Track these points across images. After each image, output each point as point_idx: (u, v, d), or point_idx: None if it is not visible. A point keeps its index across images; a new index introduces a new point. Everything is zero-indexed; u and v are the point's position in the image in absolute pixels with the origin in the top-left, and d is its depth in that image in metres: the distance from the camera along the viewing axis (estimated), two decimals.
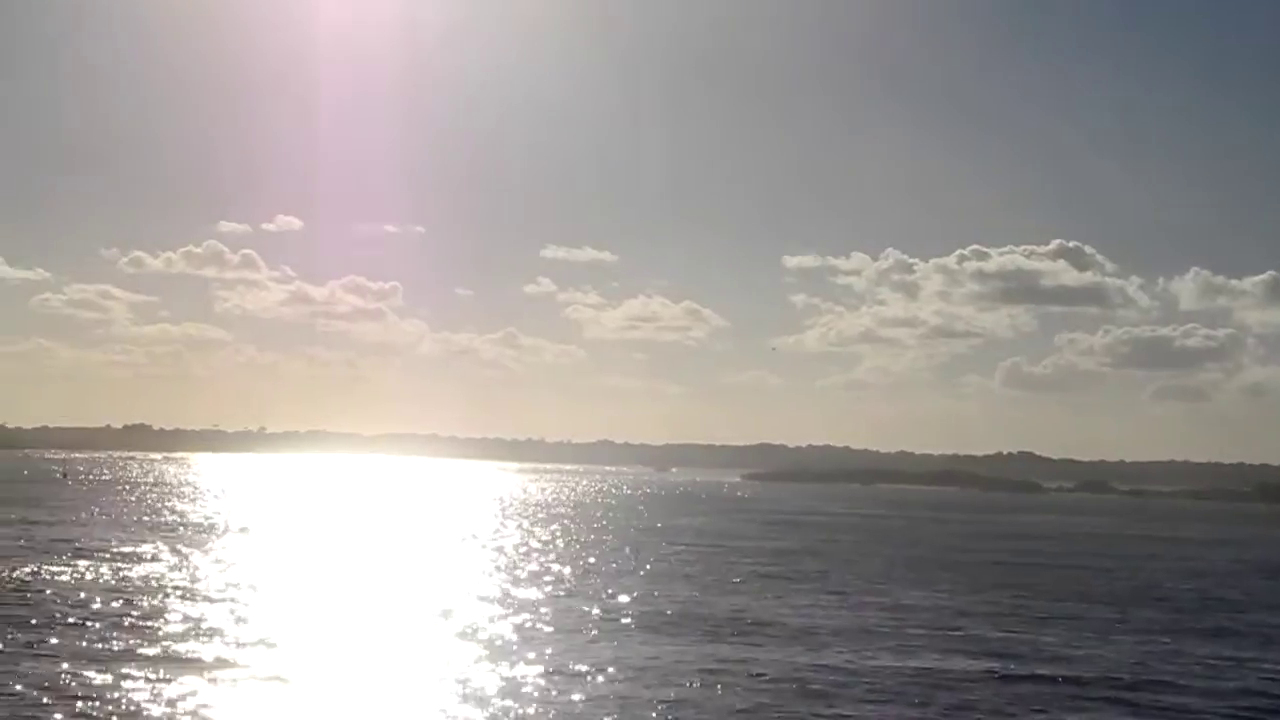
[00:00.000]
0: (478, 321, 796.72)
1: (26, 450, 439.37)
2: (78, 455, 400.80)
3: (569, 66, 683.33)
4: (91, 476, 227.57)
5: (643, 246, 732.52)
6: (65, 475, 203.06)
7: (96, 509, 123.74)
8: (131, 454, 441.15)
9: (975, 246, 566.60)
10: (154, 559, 73.60)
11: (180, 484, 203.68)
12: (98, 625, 47.71)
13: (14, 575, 62.53)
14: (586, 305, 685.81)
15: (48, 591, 56.68)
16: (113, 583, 61.05)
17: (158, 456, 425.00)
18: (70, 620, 48.70)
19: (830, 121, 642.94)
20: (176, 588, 59.60)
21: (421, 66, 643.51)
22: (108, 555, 74.35)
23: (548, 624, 51.75)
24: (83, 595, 55.89)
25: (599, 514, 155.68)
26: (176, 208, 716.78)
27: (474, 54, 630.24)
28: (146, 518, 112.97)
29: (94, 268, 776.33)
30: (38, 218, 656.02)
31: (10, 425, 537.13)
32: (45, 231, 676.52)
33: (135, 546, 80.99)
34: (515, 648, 45.57)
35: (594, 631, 50.21)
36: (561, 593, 63.02)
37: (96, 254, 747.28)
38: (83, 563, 69.29)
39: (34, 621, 47.93)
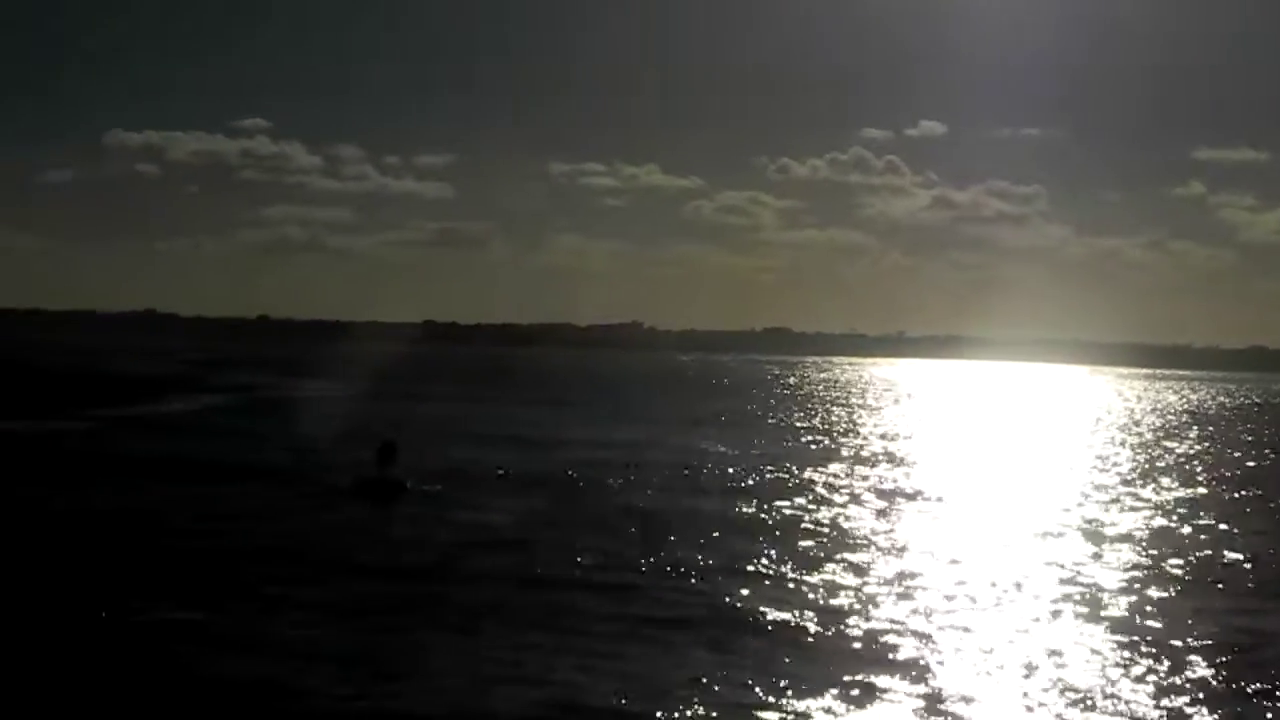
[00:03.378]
0: (1124, 225, 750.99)
1: (675, 351, 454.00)
2: (718, 357, 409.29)
3: None
4: (739, 379, 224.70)
5: None
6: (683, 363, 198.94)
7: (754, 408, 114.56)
8: (771, 357, 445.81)
9: None
10: (812, 467, 64.54)
11: (829, 388, 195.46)
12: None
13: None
14: (1241, 208, 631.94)
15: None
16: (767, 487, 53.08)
17: (796, 360, 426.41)
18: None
19: None
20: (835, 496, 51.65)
21: None
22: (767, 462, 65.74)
23: None
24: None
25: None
26: (823, 115, 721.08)
27: None
28: (797, 423, 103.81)
29: (744, 175, 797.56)
30: (693, 128, 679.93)
31: (660, 328, 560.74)
32: (699, 141, 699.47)
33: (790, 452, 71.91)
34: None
35: None
36: None
37: (746, 162, 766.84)
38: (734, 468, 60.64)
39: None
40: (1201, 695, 24.51)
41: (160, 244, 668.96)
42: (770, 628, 28.95)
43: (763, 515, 46.36)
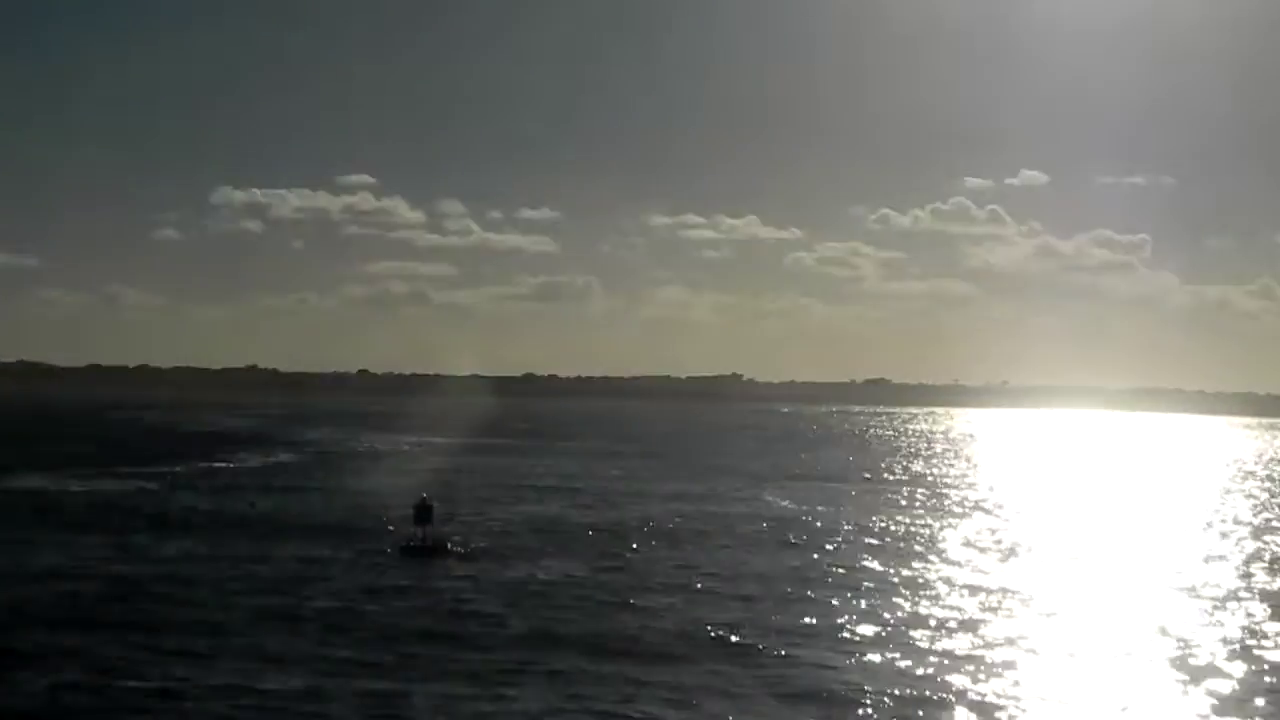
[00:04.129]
0: (1231, 272, 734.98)
1: (773, 404, 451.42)
2: (818, 409, 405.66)
3: None
4: (834, 429, 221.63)
5: None
6: (743, 429, 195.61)
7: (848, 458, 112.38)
8: (871, 408, 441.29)
9: None
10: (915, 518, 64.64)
11: (925, 439, 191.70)
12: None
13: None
14: None
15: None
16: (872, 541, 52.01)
17: (895, 411, 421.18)
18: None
19: None
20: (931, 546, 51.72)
21: (1161, 9, 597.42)
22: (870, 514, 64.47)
23: None
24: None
25: None
26: (922, 165, 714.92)
27: None
28: (893, 475, 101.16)
29: (843, 226, 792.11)
30: (792, 179, 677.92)
31: (760, 380, 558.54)
32: (798, 192, 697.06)
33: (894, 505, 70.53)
34: None
35: None
36: None
37: (846, 212, 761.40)
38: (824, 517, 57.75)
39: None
40: None
41: (265, 300, 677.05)
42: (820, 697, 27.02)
43: (833, 572, 44.30)
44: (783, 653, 31.37)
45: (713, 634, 33.55)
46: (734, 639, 32.94)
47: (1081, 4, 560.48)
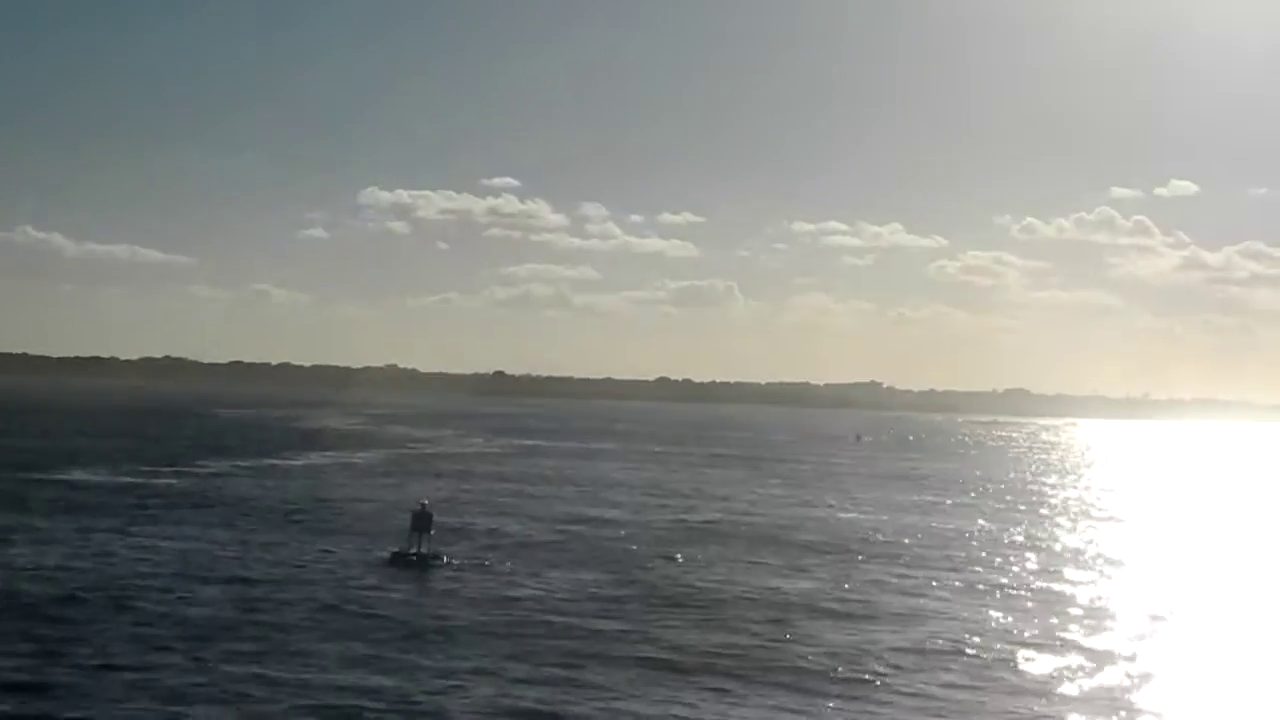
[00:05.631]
0: None
1: (910, 412, 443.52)
2: (955, 417, 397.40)
3: None
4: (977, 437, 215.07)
5: None
6: (859, 438, 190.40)
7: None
8: (1008, 418, 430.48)
9: None
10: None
11: (1061, 450, 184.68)
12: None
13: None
14: None
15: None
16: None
17: (1030, 421, 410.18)
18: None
19: None
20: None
21: None
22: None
23: None
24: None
25: None
26: (1068, 175, 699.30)
27: None
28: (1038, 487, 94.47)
29: (988, 235, 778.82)
30: (937, 187, 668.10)
31: (900, 388, 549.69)
32: (942, 200, 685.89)
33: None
34: None
35: None
36: None
37: (990, 221, 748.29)
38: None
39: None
40: None
41: (409, 300, 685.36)
42: None
43: (876, 589, 39.81)
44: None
45: (705, 657, 30.19)
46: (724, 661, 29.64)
47: (1236, 14, 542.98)
